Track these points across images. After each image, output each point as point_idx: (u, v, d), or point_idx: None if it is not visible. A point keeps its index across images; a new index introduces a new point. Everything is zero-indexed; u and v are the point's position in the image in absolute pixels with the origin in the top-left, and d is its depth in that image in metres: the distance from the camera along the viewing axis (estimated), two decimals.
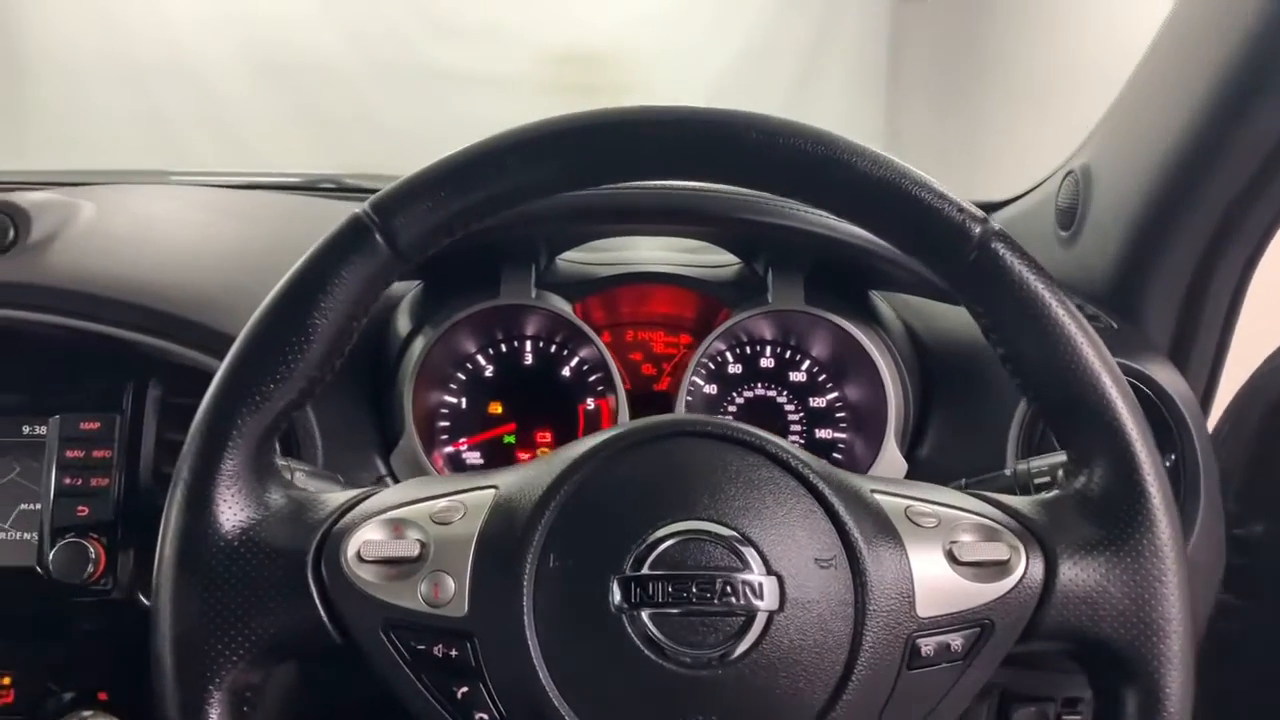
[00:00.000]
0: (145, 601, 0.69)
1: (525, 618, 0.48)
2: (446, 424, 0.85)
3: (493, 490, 0.53)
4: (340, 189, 1.11)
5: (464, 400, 0.86)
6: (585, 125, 0.53)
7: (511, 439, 0.86)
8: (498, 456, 0.85)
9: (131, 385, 0.71)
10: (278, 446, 0.55)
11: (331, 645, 0.51)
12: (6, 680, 0.69)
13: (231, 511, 0.51)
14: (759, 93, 3.72)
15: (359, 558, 0.51)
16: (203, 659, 0.49)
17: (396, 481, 0.78)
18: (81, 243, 0.78)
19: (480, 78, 3.63)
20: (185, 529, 0.51)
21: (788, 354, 0.87)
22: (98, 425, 0.70)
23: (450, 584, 0.50)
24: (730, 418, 0.86)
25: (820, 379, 0.86)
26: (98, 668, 0.69)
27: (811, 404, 0.86)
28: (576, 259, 0.88)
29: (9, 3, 3.14)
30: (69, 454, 0.69)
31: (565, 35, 3.75)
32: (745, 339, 0.86)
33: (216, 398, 0.52)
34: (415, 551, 0.50)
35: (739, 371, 0.86)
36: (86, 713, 0.68)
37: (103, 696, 0.69)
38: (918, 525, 0.51)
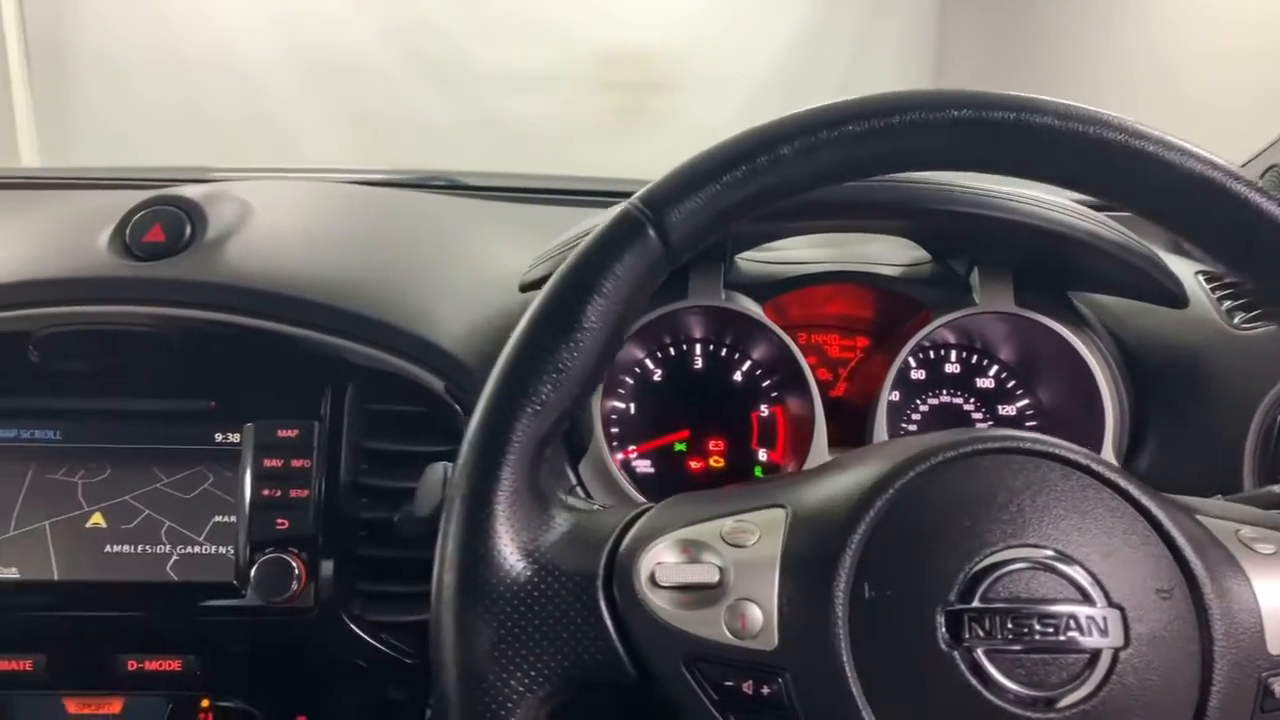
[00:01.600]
0: (347, 620, 0.65)
1: (843, 653, 0.44)
2: (616, 430, 0.82)
3: (781, 509, 0.49)
4: (455, 186, 1.08)
5: (633, 406, 0.82)
6: (865, 112, 0.49)
7: (683, 446, 0.82)
8: (669, 465, 0.82)
9: (330, 390, 0.67)
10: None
11: (625, 679, 0.47)
12: (205, 703, 0.65)
13: (514, 531, 0.47)
14: (804, 86, 3.69)
15: (653, 582, 0.47)
16: (494, 693, 0.46)
17: (586, 491, 0.74)
18: (256, 239, 0.74)
19: (524, 76, 3.61)
20: (467, 552, 0.47)
21: (974, 358, 0.83)
22: (296, 432, 0.66)
23: (757, 614, 0.46)
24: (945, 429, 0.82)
25: (1009, 385, 0.82)
26: (296, 689, 0.66)
27: (1000, 412, 0.82)
28: (754, 258, 0.84)
29: (63, 3, 3.11)
30: (266, 463, 0.66)
31: (610, 33, 3.72)
32: (929, 342, 0.82)
33: (491, 407, 0.48)
34: (715, 577, 0.47)
35: (923, 377, 0.83)
36: None
37: (301, 719, 0.65)
38: (1254, 551, 0.47)
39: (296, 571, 0.64)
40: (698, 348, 0.82)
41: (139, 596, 0.65)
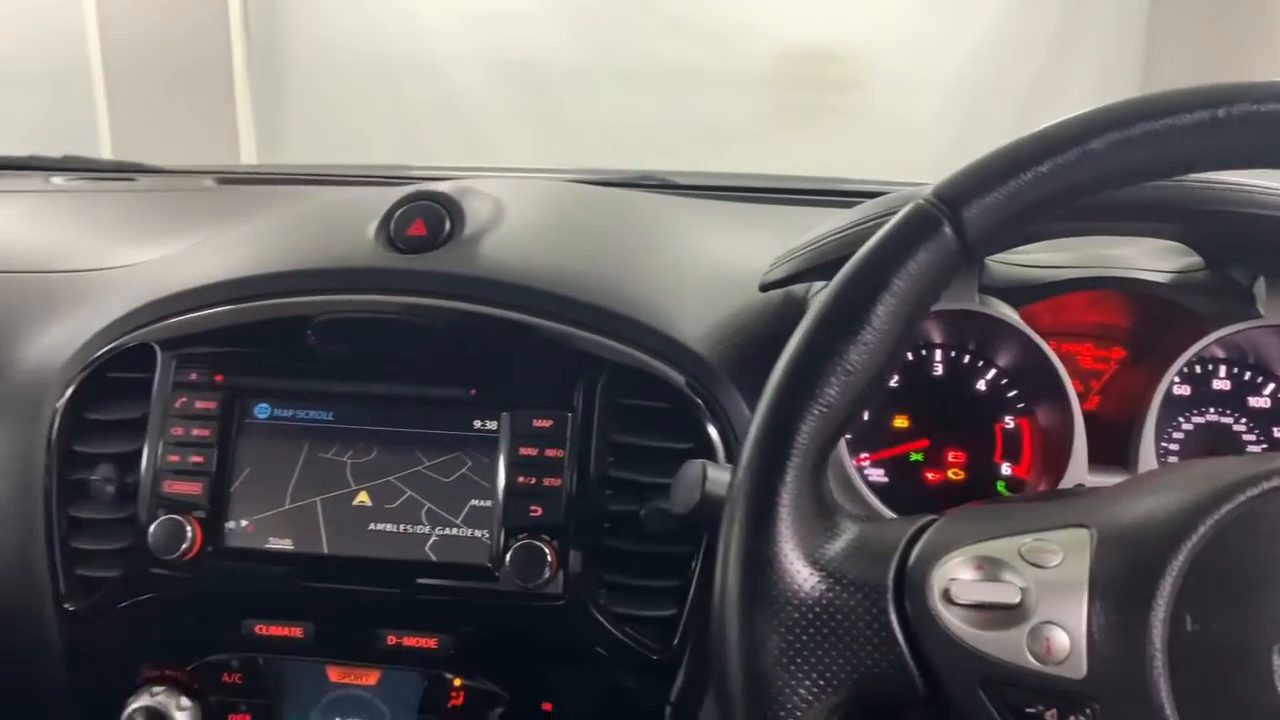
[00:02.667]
0: (593, 610, 0.66)
1: (1161, 687, 0.41)
2: (848, 437, 0.79)
3: (1084, 529, 0.46)
4: (668, 186, 1.09)
5: (866, 412, 0.80)
6: (1188, 105, 0.46)
7: (919, 456, 0.80)
8: (904, 475, 0.79)
9: (582, 383, 0.68)
10: None
11: (915, 695, 0.45)
12: (457, 682, 0.67)
13: (799, 537, 0.46)
14: (995, 91, 3.53)
15: (947, 599, 0.45)
16: (782, 699, 0.45)
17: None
18: (509, 234, 0.76)
19: (708, 75, 3.61)
20: (752, 555, 0.46)
21: (1247, 375, 0.77)
22: (550, 423, 0.67)
23: (1063, 639, 0.43)
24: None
25: None
26: (543, 675, 0.67)
27: (1277, 435, 0.76)
28: (1004, 260, 0.80)
29: (277, 6, 3.32)
30: (522, 451, 0.67)
31: (797, 31, 3.67)
32: (1197, 357, 0.76)
33: (774, 406, 0.48)
34: (1015, 598, 0.44)
35: (1187, 393, 0.77)
36: None
37: (547, 707, 0.66)
38: None
39: (549, 559, 0.65)
40: (938, 353, 0.79)
41: (399, 574, 0.68)
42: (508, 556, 0.66)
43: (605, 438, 0.68)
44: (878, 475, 0.80)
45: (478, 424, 0.69)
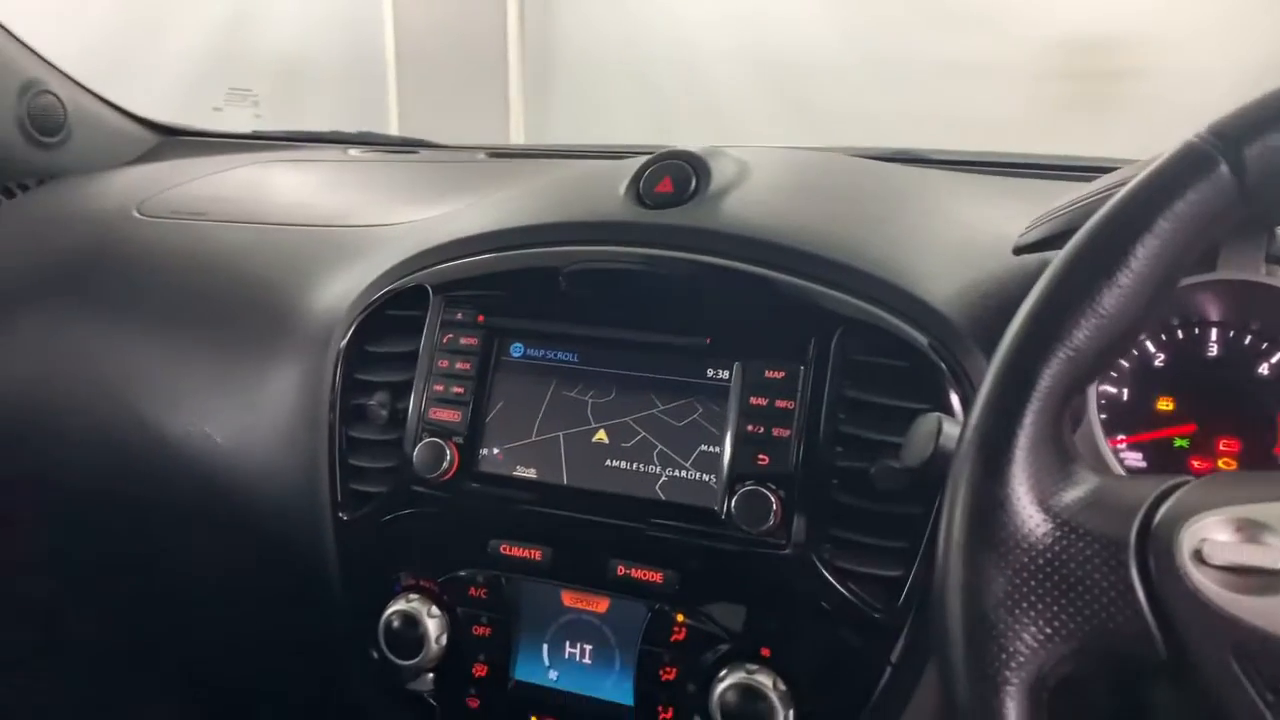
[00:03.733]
0: (816, 562, 0.66)
1: None
2: (1104, 417, 0.74)
3: None
4: (921, 160, 1.06)
5: (1127, 391, 0.74)
6: None
7: (1184, 442, 0.73)
8: (1166, 461, 0.73)
9: (816, 338, 0.68)
10: None
11: (1153, 657, 0.43)
12: (680, 617, 0.69)
13: (1034, 481, 0.45)
14: None
15: (1198, 559, 0.42)
16: (1003, 645, 0.43)
17: None
18: (754, 193, 0.78)
19: (975, 66, 3.46)
20: (983, 496, 0.45)
21: None
22: (782, 374, 0.68)
23: None
24: None
25: None
26: (762, 623, 0.68)
27: None
28: None
29: (550, 7, 3.52)
30: (752, 401, 0.69)
31: (1070, 19, 3.45)
32: None
33: (1017, 349, 0.46)
34: (1278, 562, 0.41)
35: None
36: (752, 666, 0.66)
37: (765, 652, 0.67)
38: None
39: (774, 507, 0.66)
40: (1215, 331, 0.73)
41: (631, 509, 0.71)
42: (733, 502, 0.67)
43: (838, 393, 0.68)
44: (1135, 459, 0.74)
45: (711, 372, 0.71)
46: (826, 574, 0.66)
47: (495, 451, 0.75)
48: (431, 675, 0.76)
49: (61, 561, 1.04)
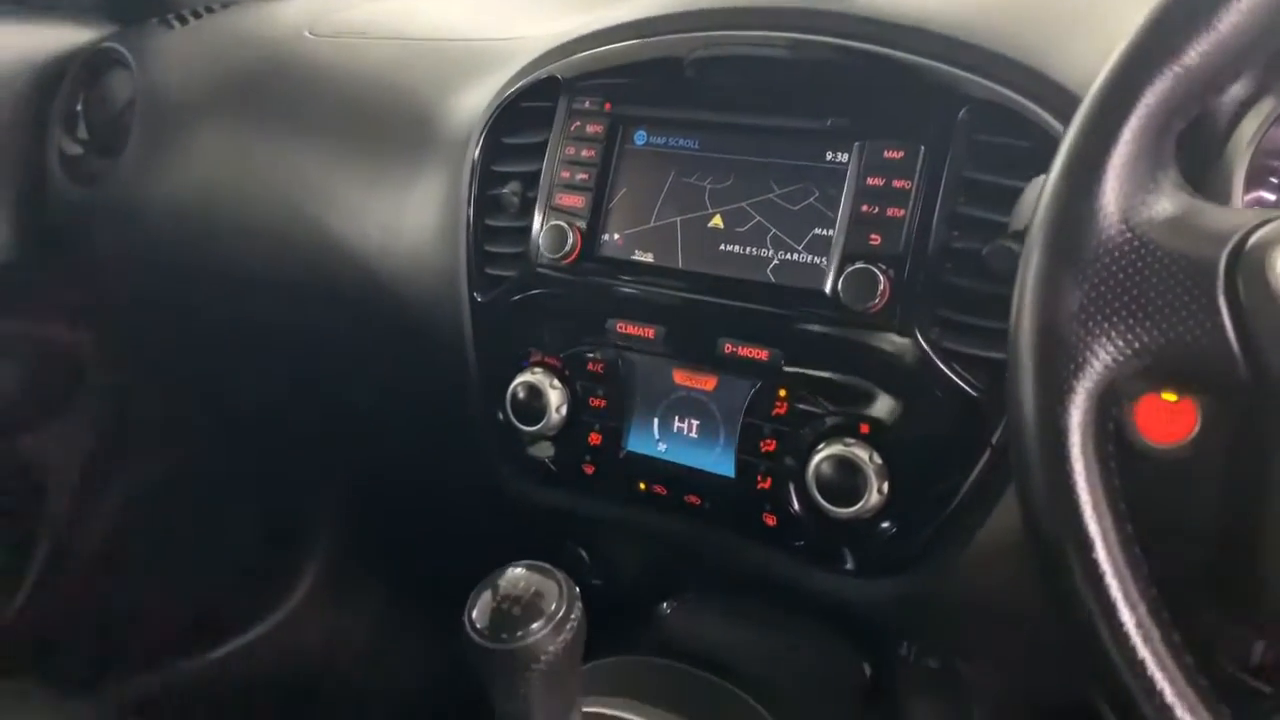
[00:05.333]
0: (922, 342, 0.67)
1: None
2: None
3: None
4: None
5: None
6: None
7: None
8: None
9: (938, 118, 0.67)
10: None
11: (1233, 377, 0.42)
12: (783, 393, 0.72)
13: (1122, 197, 0.44)
14: None
15: None
16: (1075, 355, 0.43)
17: None
18: None
19: None
20: (1066, 209, 0.44)
21: None
22: (901, 154, 0.68)
23: None
24: None
25: None
26: (862, 400, 0.69)
27: None
28: None
29: None
30: (869, 181, 0.69)
31: None
32: None
33: (1121, 63, 0.45)
34: None
35: None
36: (850, 440, 0.68)
37: (864, 429, 0.69)
38: None
39: (882, 286, 0.67)
40: None
41: (742, 291, 0.73)
42: (842, 280, 0.68)
43: (957, 173, 0.67)
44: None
45: (829, 155, 0.71)
46: (931, 354, 0.67)
47: (615, 236, 0.78)
48: (552, 443, 0.81)
49: (235, 339, 1.16)
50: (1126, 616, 0.41)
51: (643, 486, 0.78)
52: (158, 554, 1.50)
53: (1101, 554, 0.41)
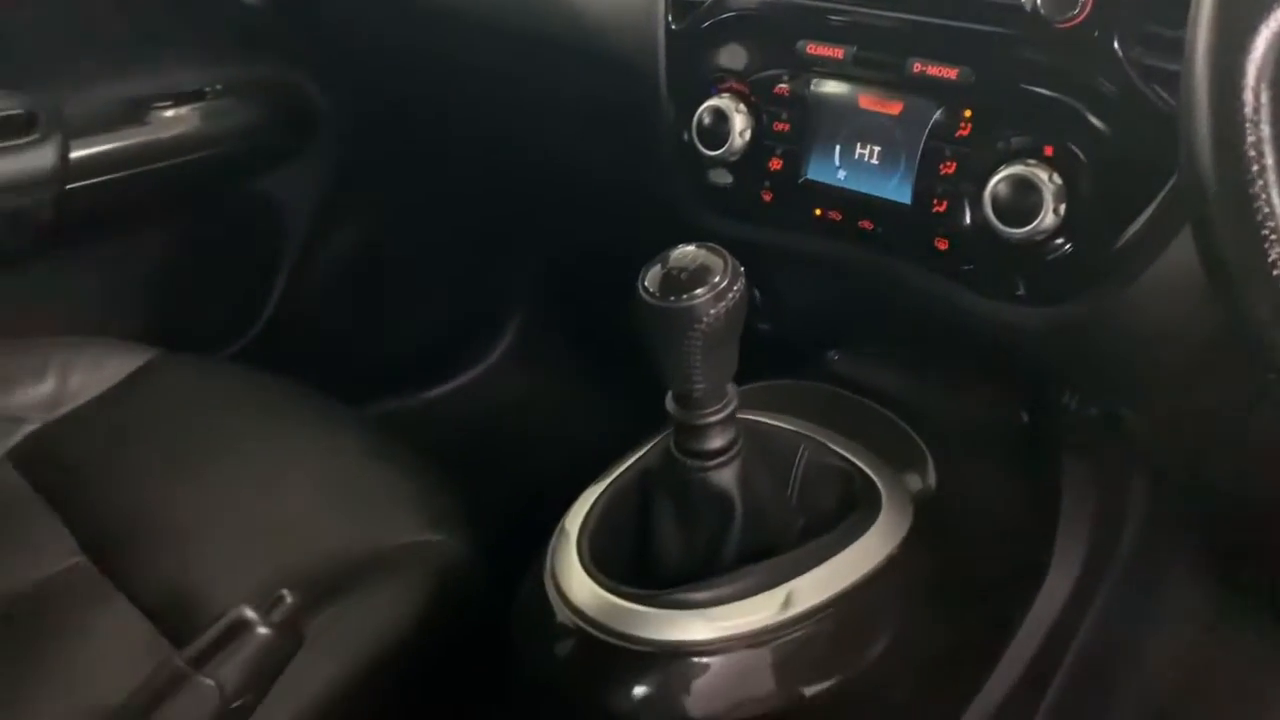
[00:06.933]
0: (1121, 55, 0.64)
1: None
2: None
3: None
4: None
5: None
6: None
7: None
8: None
9: None
10: None
11: None
12: (968, 113, 0.71)
13: None
14: None
15: None
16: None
17: None
18: None
19: None
20: None
21: None
22: None
23: None
24: None
25: None
26: (1050, 120, 0.68)
27: None
28: None
29: None
30: None
31: None
32: None
33: None
34: None
35: None
36: (1031, 160, 0.67)
37: (1048, 151, 0.67)
38: None
39: None
40: None
41: (935, 5, 0.72)
42: None
43: None
44: None
45: None
46: (1130, 71, 0.64)
47: None
48: (732, 170, 0.84)
49: (453, 87, 1.23)
50: None
51: (818, 213, 0.80)
52: (378, 297, 1.66)
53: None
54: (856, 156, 0.77)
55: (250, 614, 0.65)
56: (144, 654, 0.77)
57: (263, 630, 0.64)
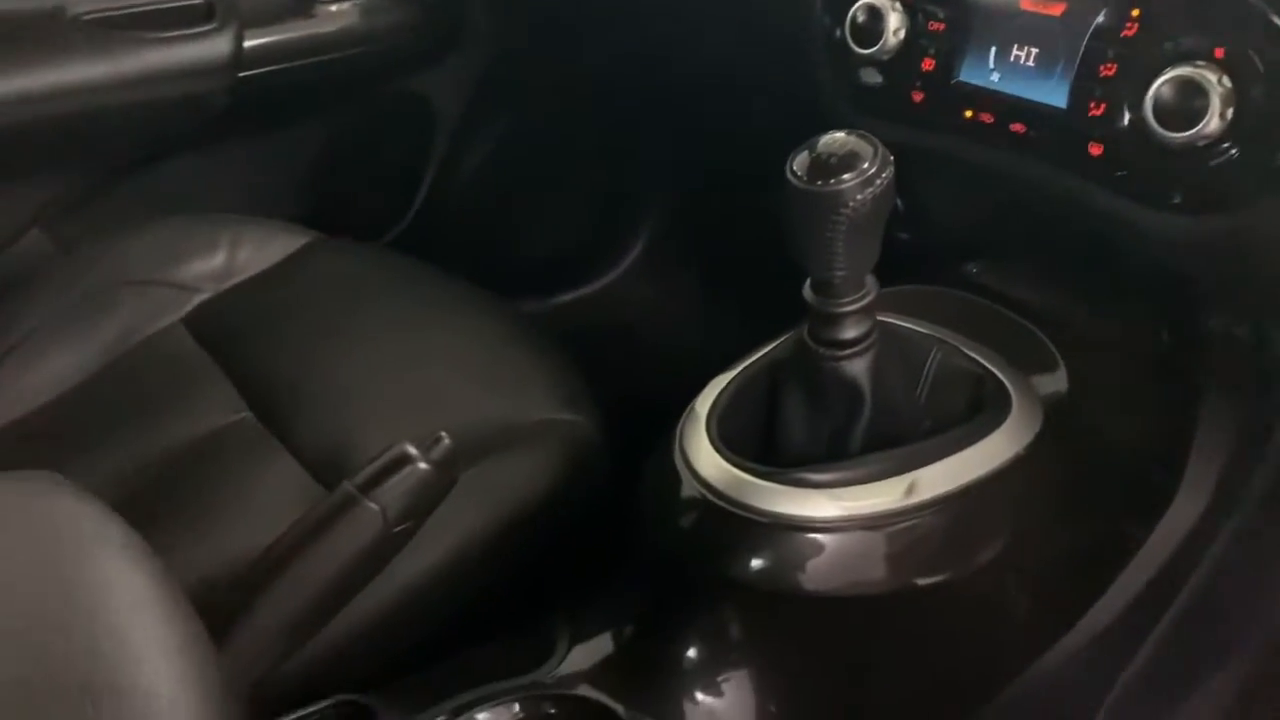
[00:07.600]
0: None
1: None
2: None
3: None
4: None
5: None
6: None
7: None
8: None
9: None
10: None
11: None
12: (1135, 12, 0.69)
13: None
14: None
15: None
16: None
17: None
18: None
19: None
20: None
21: None
22: None
23: None
24: None
25: None
26: (1221, 20, 0.65)
27: None
28: None
29: None
30: None
31: None
32: None
33: None
34: None
35: None
36: (1200, 62, 0.65)
37: (1218, 53, 0.65)
38: None
39: None
40: None
41: None
42: None
43: None
44: None
45: None
46: None
47: None
48: (883, 70, 0.84)
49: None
50: None
51: (969, 115, 0.79)
52: (517, 202, 1.71)
53: None
54: (1012, 58, 0.76)
55: (412, 450, 0.71)
56: (301, 499, 0.85)
57: (423, 465, 0.70)
